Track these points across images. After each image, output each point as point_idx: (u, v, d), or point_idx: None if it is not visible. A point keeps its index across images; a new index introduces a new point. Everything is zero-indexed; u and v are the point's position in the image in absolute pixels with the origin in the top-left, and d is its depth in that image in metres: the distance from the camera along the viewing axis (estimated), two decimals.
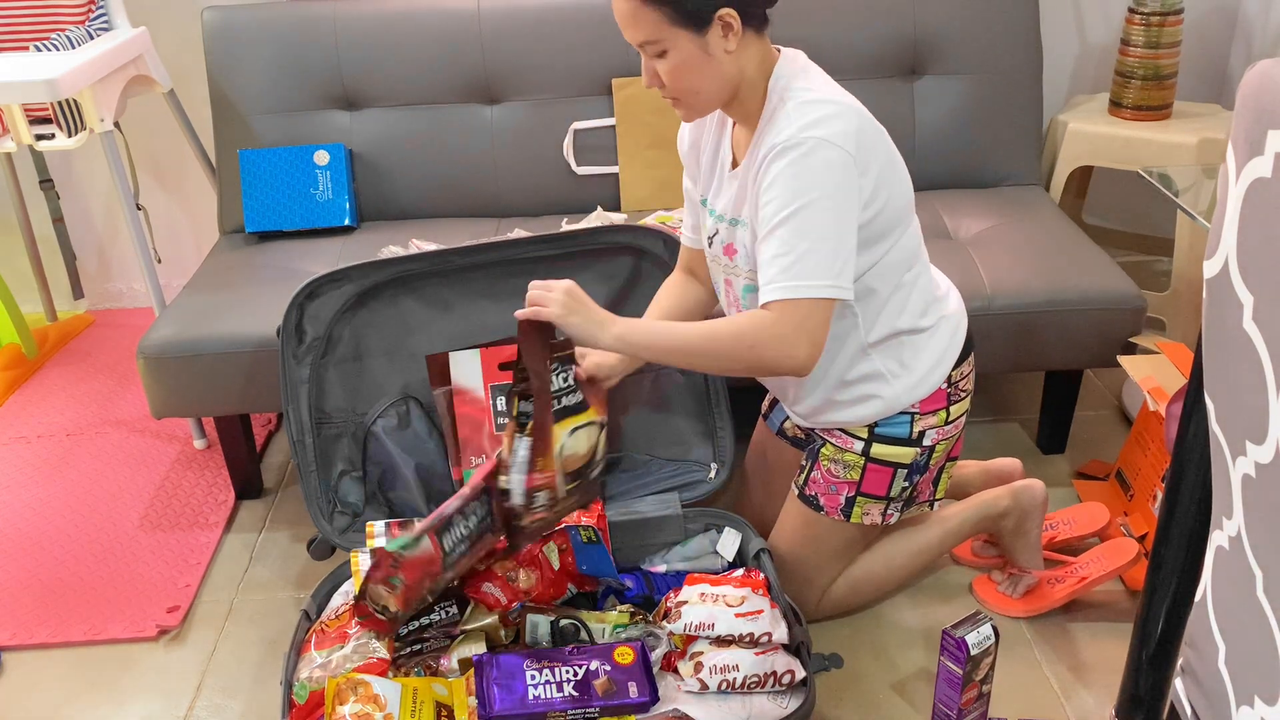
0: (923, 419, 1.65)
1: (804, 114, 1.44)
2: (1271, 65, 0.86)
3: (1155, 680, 1.36)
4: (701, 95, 1.49)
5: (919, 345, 1.62)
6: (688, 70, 1.46)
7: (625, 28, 1.46)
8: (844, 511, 1.70)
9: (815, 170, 1.41)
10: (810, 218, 1.41)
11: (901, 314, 1.60)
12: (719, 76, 1.47)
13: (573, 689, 1.43)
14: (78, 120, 2.21)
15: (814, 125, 1.42)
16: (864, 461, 1.67)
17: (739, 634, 1.52)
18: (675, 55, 1.45)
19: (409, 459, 1.93)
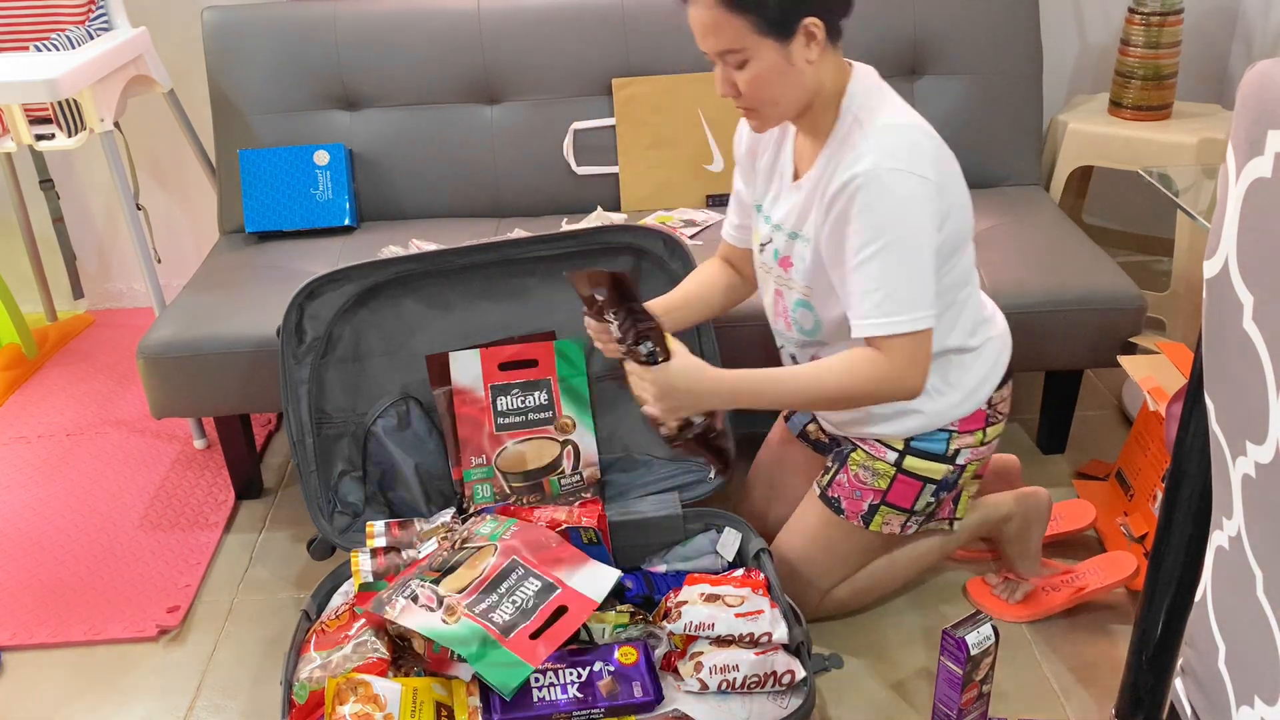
0: (960, 437, 1.65)
1: (885, 142, 1.43)
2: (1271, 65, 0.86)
3: (1155, 680, 1.36)
4: (780, 106, 1.48)
5: (965, 364, 1.63)
6: (769, 80, 1.44)
7: (705, 36, 1.43)
8: (864, 518, 1.69)
9: (902, 202, 1.41)
10: (900, 251, 1.42)
11: (952, 332, 1.60)
12: (799, 87, 1.46)
13: (577, 690, 1.43)
14: (78, 120, 2.21)
15: (896, 155, 1.42)
16: (895, 472, 1.66)
17: (739, 634, 1.51)
18: (757, 64, 1.42)
19: (409, 459, 1.93)
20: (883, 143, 1.43)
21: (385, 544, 1.75)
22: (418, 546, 1.74)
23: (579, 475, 1.95)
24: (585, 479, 1.95)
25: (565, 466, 1.94)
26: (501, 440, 1.94)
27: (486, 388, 1.94)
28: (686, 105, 2.39)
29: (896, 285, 1.43)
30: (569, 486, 1.94)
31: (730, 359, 1.94)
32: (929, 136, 1.48)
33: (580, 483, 1.95)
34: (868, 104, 1.48)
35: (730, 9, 1.39)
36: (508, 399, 1.94)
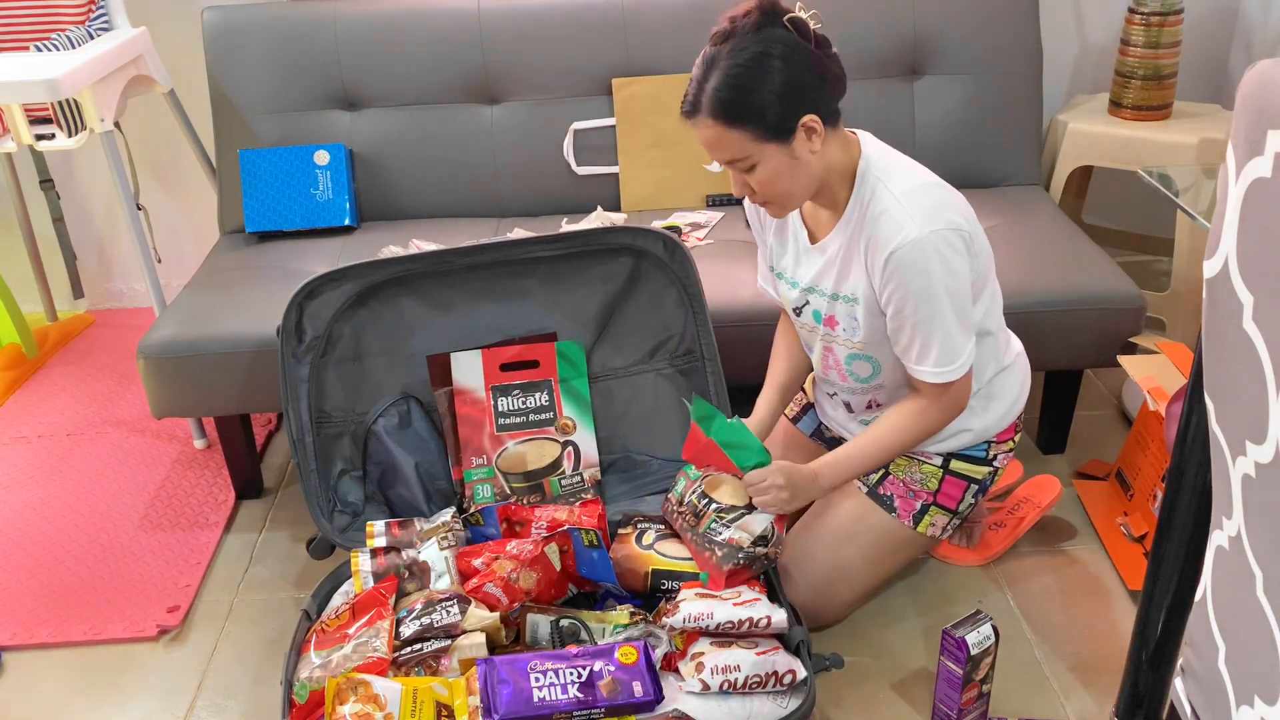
0: (996, 445, 1.77)
1: (920, 205, 1.52)
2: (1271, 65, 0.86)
3: (1155, 680, 1.36)
4: (794, 195, 1.56)
5: (1004, 381, 1.74)
6: (779, 178, 1.52)
7: (711, 150, 1.52)
8: (915, 518, 1.75)
9: (945, 260, 1.51)
10: (951, 307, 1.54)
11: (993, 357, 1.71)
12: (808, 176, 1.54)
13: (578, 690, 1.43)
14: (78, 120, 2.22)
15: (935, 216, 1.51)
16: (942, 473, 1.75)
17: (738, 620, 1.52)
18: (765, 167, 1.51)
19: (410, 458, 1.93)
20: (919, 207, 1.52)
21: (385, 544, 1.75)
22: (418, 546, 1.74)
23: (579, 476, 1.95)
24: (586, 479, 1.95)
25: (566, 467, 1.95)
26: (502, 441, 1.94)
27: (487, 388, 1.94)
28: None
29: (951, 338, 1.55)
30: (569, 487, 1.94)
31: (730, 358, 1.95)
32: (947, 188, 1.57)
33: (580, 483, 1.95)
34: (884, 170, 1.56)
35: (729, 125, 1.48)
36: (509, 400, 1.94)
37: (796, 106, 1.47)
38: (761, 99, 1.45)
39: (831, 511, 1.77)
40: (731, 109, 1.46)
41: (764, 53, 1.45)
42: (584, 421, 1.96)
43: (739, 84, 1.45)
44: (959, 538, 1.98)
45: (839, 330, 1.67)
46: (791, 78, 1.46)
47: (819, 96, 1.49)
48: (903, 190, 1.53)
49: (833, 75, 1.51)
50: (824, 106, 1.50)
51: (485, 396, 1.94)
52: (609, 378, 2.01)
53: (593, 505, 1.81)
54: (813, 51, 1.47)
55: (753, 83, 1.45)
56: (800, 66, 1.46)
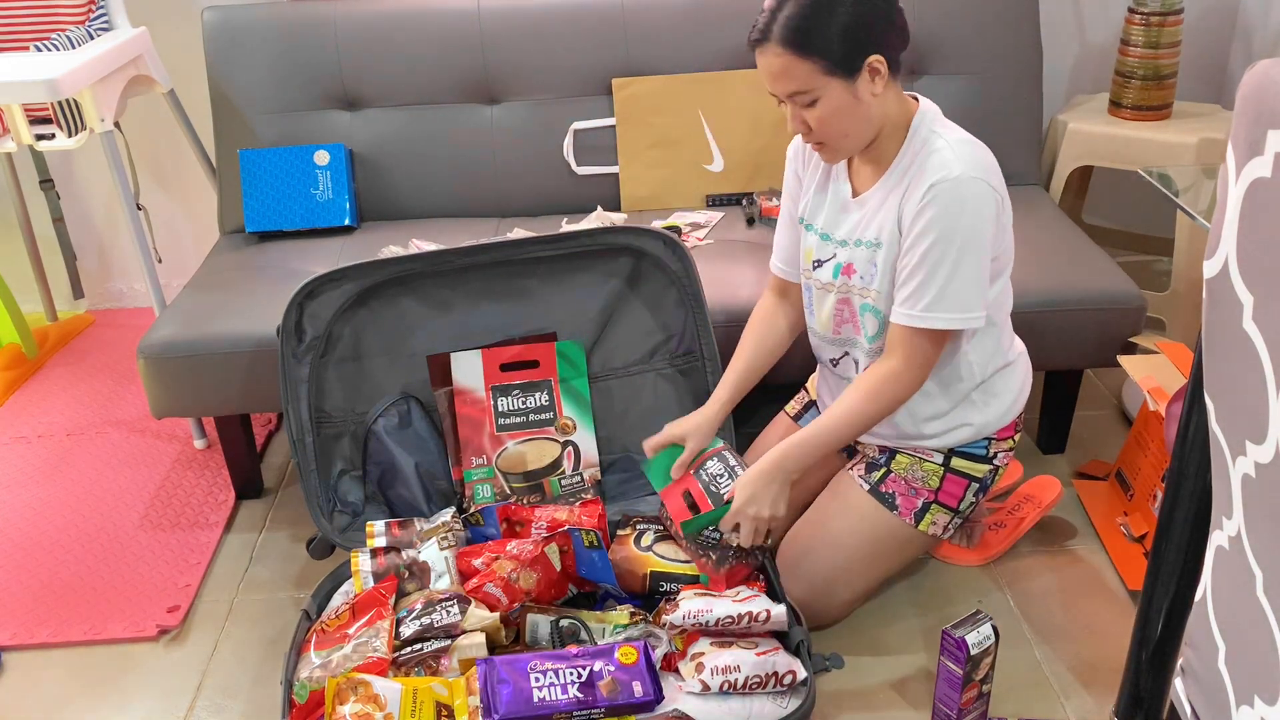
0: (997, 443, 1.76)
1: (966, 153, 1.53)
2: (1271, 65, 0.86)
3: (1155, 680, 1.36)
4: (850, 138, 1.57)
5: (1007, 376, 1.73)
6: (839, 116, 1.53)
7: (775, 80, 1.52)
8: (917, 515, 1.75)
9: (978, 209, 1.52)
10: (963, 254, 1.52)
11: (998, 349, 1.71)
12: (867, 120, 1.55)
13: (578, 690, 1.43)
14: (78, 120, 2.21)
15: (978, 165, 1.53)
16: (944, 471, 1.74)
17: (737, 614, 1.52)
18: (826, 103, 1.52)
19: (410, 458, 1.93)
20: (965, 154, 1.54)
21: (385, 544, 1.75)
22: (418, 546, 1.74)
23: (579, 476, 1.95)
24: (586, 479, 1.95)
25: (566, 467, 1.95)
26: (502, 441, 1.94)
27: (487, 388, 1.94)
28: (686, 105, 2.39)
29: (944, 284, 1.53)
30: (569, 487, 1.95)
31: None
32: (991, 156, 1.58)
33: (581, 483, 1.95)
34: (937, 125, 1.59)
35: (799, 54, 1.49)
36: (509, 400, 1.94)
37: (866, 44, 1.49)
38: (833, 30, 1.47)
39: (833, 509, 1.77)
40: (803, 37, 1.48)
41: None
42: (584, 421, 1.96)
43: (813, 12, 1.47)
44: (959, 538, 1.98)
45: (854, 279, 1.66)
46: (863, 15, 1.48)
47: (887, 40, 1.51)
48: (956, 139, 1.56)
49: (899, 25, 1.54)
50: (891, 51, 1.52)
51: (485, 396, 1.94)
52: (609, 378, 2.01)
53: (593, 505, 1.81)
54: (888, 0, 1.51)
55: (826, 13, 1.47)
56: (871, 6, 1.49)
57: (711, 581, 1.66)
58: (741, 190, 2.42)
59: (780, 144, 2.39)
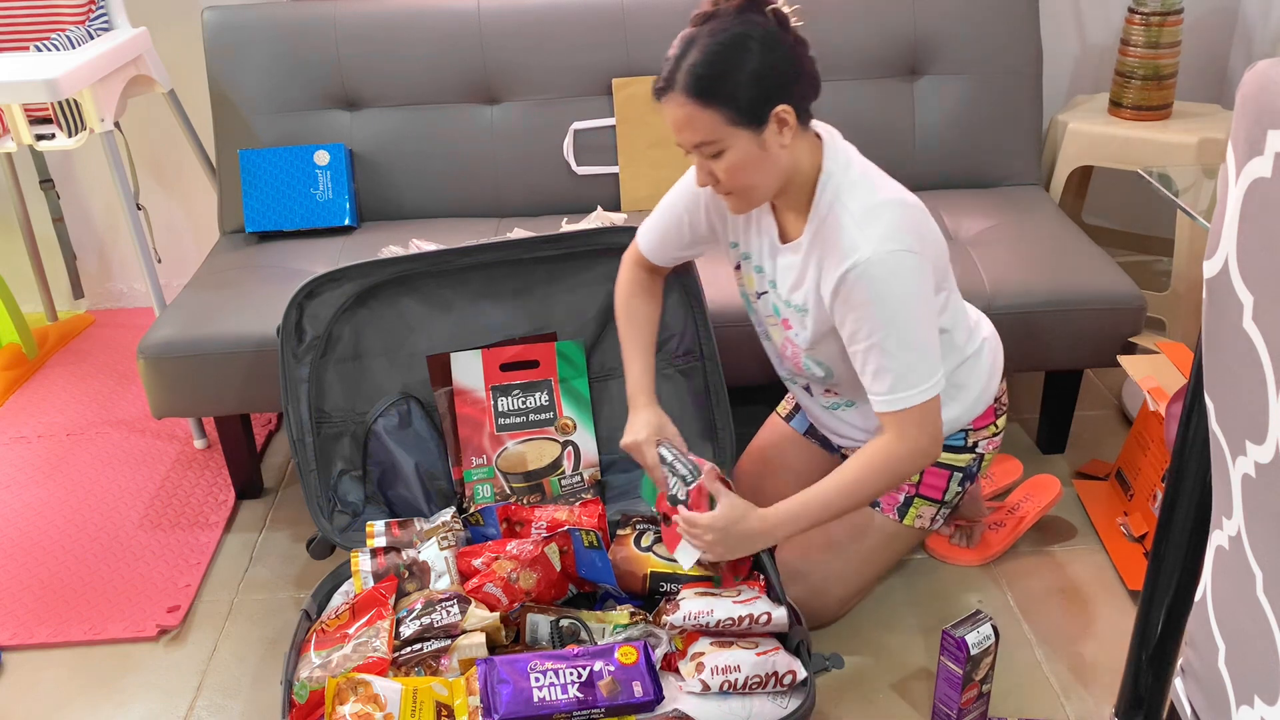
0: (975, 433, 1.74)
1: (872, 225, 1.48)
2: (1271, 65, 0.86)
3: (1155, 680, 1.36)
4: (758, 189, 1.53)
5: (969, 370, 1.70)
6: (746, 167, 1.48)
7: (681, 130, 1.48)
8: (900, 510, 1.74)
9: (903, 283, 1.47)
10: (906, 332, 1.49)
11: (951, 349, 1.66)
12: (775, 170, 1.51)
13: (578, 690, 1.43)
14: (78, 120, 2.21)
15: (886, 237, 1.46)
16: None
17: (738, 616, 1.52)
18: (733, 154, 1.47)
19: (410, 458, 1.93)
20: (873, 226, 1.47)
21: (385, 544, 1.75)
22: (418, 546, 1.74)
23: (579, 476, 1.95)
24: (585, 479, 1.96)
25: (566, 467, 1.95)
26: (502, 441, 1.94)
27: (487, 388, 1.94)
28: None
29: (907, 364, 1.50)
30: (569, 487, 1.95)
31: (730, 358, 1.95)
32: (904, 205, 1.52)
33: (581, 483, 1.95)
34: (844, 182, 1.52)
35: (703, 104, 1.43)
36: (509, 399, 1.94)
37: (773, 94, 1.44)
38: (739, 79, 1.42)
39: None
40: (707, 87, 1.42)
41: (745, 34, 1.42)
42: (584, 421, 1.96)
43: (717, 62, 1.42)
44: (959, 538, 1.98)
45: (793, 335, 1.65)
46: (769, 64, 1.43)
47: (794, 89, 1.47)
48: (860, 209, 1.49)
49: (808, 73, 1.49)
50: (798, 101, 1.48)
51: (485, 396, 1.94)
52: (609, 378, 2.01)
53: (593, 505, 1.81)
54: (794, 45, 1.46)
55: (731, 62, 1.42)
56: (779, 56, 1.44)
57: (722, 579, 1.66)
58: None
59: None
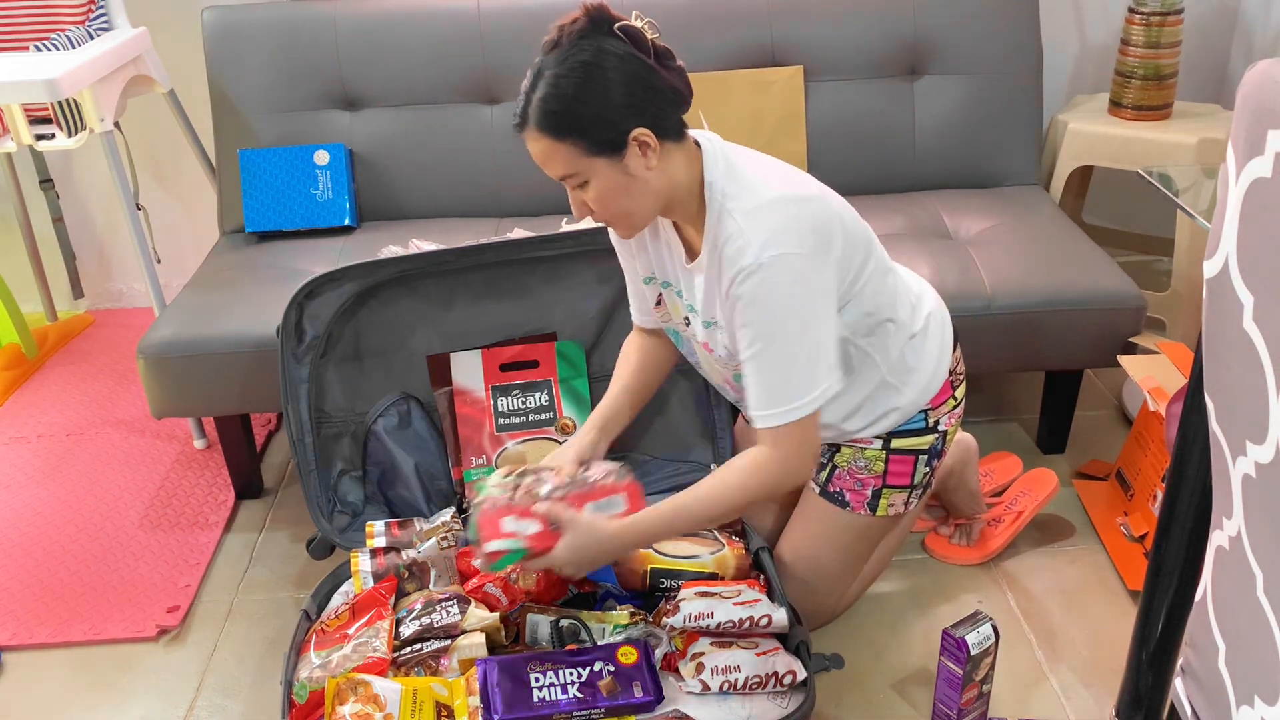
0: (935, 412, 1.68)
1: (755, 229, 1.41)
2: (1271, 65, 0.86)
3: (1155, 680, 1.36)
4: (634, 215, 1.47)
5: (917, 348, 1.64)
6: (614, 195, 1.43)
7: (543, 165, 1.43)
8: (870, 505, 1.71)
9: (789, 287, 1.41)
10: (787, 341, 1.43)
11: (895, 334, 1.61)
12: (647, 194, 1.44)
13: (578, 690, 1.43)
14: (78, 120, 2.21)
15: (769, 243, 1.40)
16: (885, 454, 1.68)
17: (738, 619, 1.52)
18: (597, 184, 1.42)
19: (409, 458, 1.93)
20: (754, 229, 1.41)
21: (385, 544, 1.75)
22: (417, 546, 1.74)
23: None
24: None
25: None
26: (502, 441, 1.94)
27: (487, 388, 1.94)
28: None
29: (785, 376, 1.45)
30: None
31: None
32: (792, 198, 1.45)
33: None
34: (728, 189, 1.46)
35: (555, 137, 1.39)
36: (509, 400, 1.94)
37: (625, 120, 1.38)
38: (588, 110, 1.37)
39: (798, 516, 1.77)
40: (557, 121, 1.38)
41: (590, 62, 1.36)
42: (584, 421, 1.96)
43: (563, 94, 1.37)
44: (959, 536, 1.98)
45: (716, 354, 1.60)
46: (619, 90, 1.37)
47: (653, 109, 1.40)
48: (746, 210, 1.43)
49: (670, 87, 1.42)
50: (661, 120, 1.41)
51: (485, 396, 1.94)
52: (609, 378, 2.01)
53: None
54: (647, 62, 1.39)
55: (578, 93, 1.36)
56: (631, 77, 1.37)
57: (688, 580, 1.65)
58: None
59: (781, 144, 2.39)
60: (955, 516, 2.00)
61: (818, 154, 2.42)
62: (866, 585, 1.87)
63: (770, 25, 2.39)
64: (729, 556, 1.68)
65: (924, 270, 2.06)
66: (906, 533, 1.91)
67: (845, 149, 2.42)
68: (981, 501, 1.99)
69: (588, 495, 1.57)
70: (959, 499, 1.97)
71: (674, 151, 1.45)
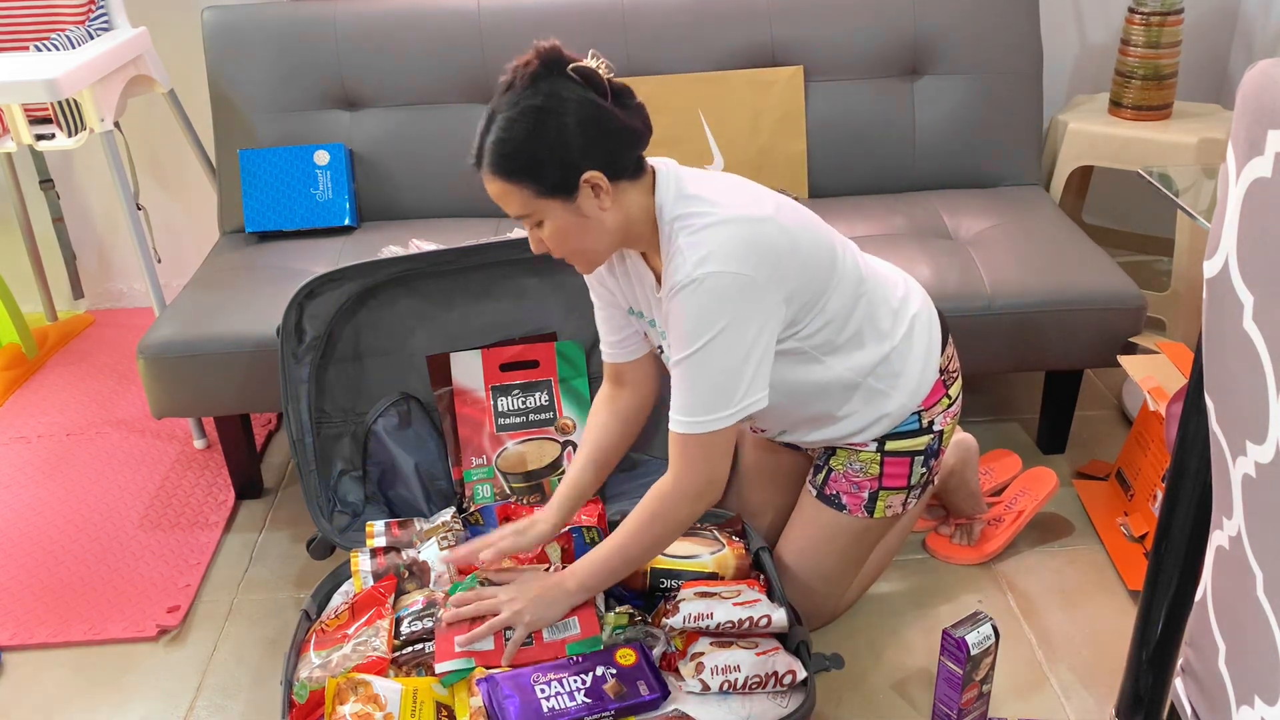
0: (928, 413, 1.67)
1: (695, 249, 1.41)
2: (1271, 65, 0.86)
3: (1155, 680, 1.37)
4: (590, 253, 1.48)
5: (903, 353, 1.63)
6: (569, 235, 1.44)
7: (500, 204, 1.43)
8: (867, 508, 1.71)
9: (711, 304, 1.41)
10: (709, 355, 1.43)
11: (873, 342, 1.60)
12: (601, 233, 1.45)
13: (585, 696, 1.43)
14: (78, 120, 2.21)
15: (705, 260, 1.40)
16: (880, 457, 1.68)
17: (738, 620, 1.52)
18: (551, 224, 1.42)
19: (410, 458, 1.93)
20: (694, 249, 1.41)
21: (385, 543, 1.75)
22: (418, 546, 1.74)
23: None
24: None
25: (565, 467, 1.94)
26: (502, 441, 1.94)
27: (487, 388, 1.94)
28: (686, 105, 2.39)
29: (703, 388, 1.45)
30: None
31: None
32: (743, 222, 1.44)
33: None
34: (678, 211, 1.45)
35: (508, 180, 1.39)
36: (508, 399, 1.95)
37: (577, 163, 1.38)
38: (536, 155, 1.37)
39: (795, 523, 1.77)
40: (508, 164, 1.38)
41: (540, 106, 1.36)
42: (584, 421, 1.96)
43: (514, 138, 1.36)
44: (959, 536, 1.98)
45: None
46: (571, 134, 1.36)
47: (606, 151, 1.40)
48: (692, 230, 1.43)
49: (627, 127, 1.41)
50: (615, 161, 1.41)
51: (485, 396, 1.94)
52: None
53: (593, 505, 1.81)
54: (601, 104, 1.38)
55: (526, 137, 1.36)
56: (583, 120, 1.37)
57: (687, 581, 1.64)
58: None
59: (781, 144, 2.39)
60: (955, 516, 2.00)
61: (817, 154, 2.42)
62: (866, 586, 1.87)
63: (770, 25, 2.39)
64: (729, 556, 1.68)
65: (924, 270, 2.06)
66: (907, 532, 1.90)
67: (845, 149, 2.42)
68: (982, 501, 1.99)
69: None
70: (959, 499, 1.97)
71: (629, 189, 1.45)
